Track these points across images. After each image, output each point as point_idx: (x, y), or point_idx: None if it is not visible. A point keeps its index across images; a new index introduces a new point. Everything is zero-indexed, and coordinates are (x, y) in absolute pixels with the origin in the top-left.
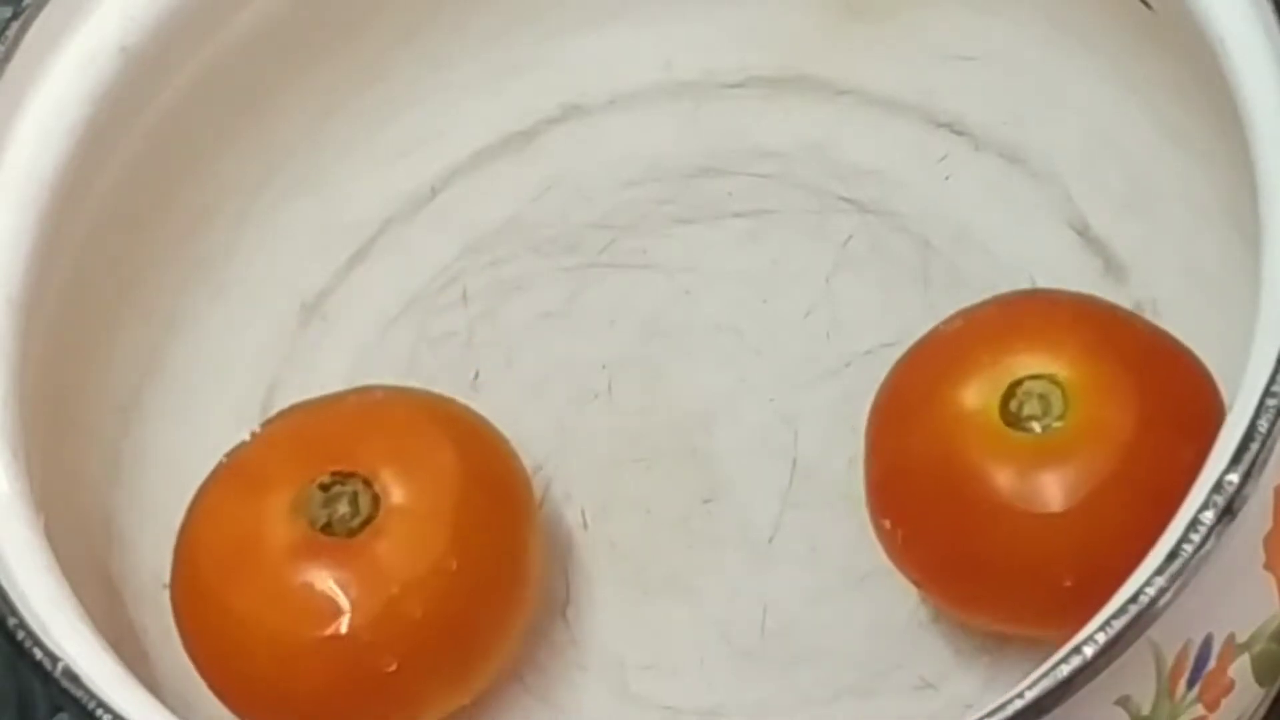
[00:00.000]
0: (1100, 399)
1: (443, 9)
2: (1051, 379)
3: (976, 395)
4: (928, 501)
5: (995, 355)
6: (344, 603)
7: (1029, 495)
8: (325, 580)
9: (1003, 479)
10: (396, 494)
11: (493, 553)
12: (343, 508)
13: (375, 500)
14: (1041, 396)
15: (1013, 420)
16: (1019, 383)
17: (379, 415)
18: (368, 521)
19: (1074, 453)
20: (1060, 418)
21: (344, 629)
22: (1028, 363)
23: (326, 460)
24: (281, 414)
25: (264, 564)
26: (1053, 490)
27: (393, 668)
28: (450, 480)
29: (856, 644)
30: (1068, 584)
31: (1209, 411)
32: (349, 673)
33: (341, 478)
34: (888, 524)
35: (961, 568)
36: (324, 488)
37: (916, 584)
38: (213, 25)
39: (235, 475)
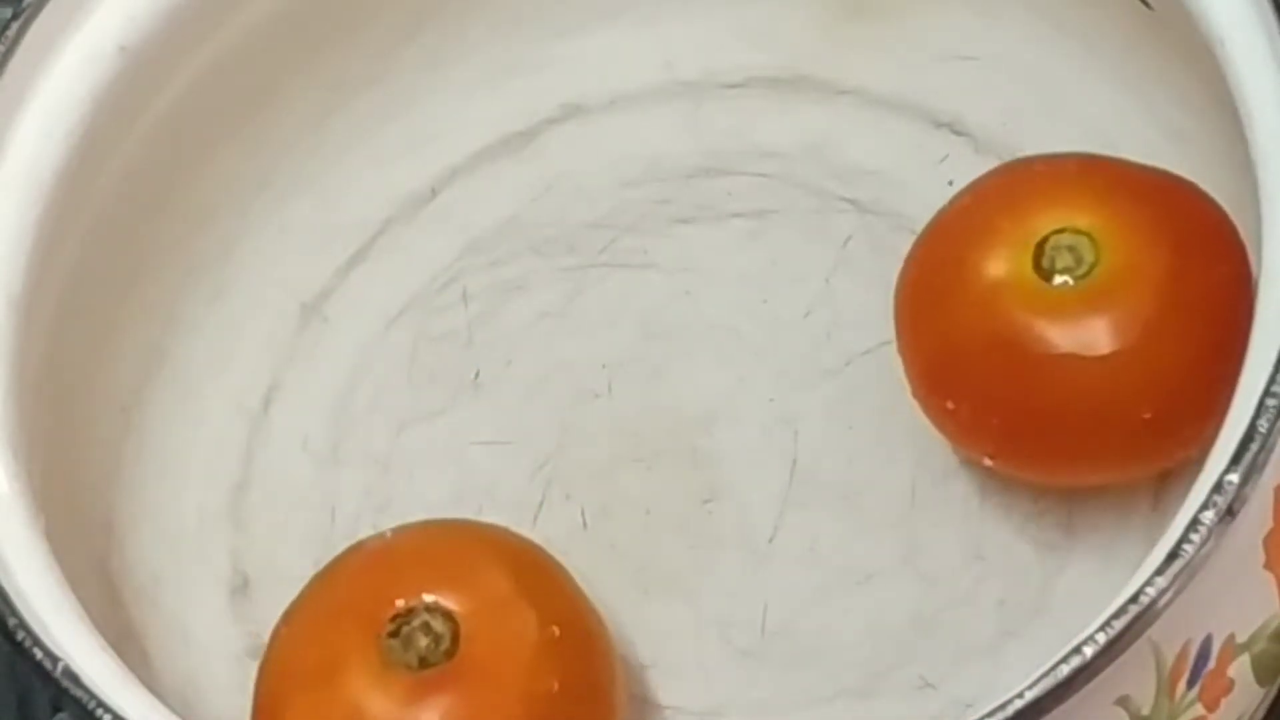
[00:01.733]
0: (1127, 237)
1: (443, 9)
2: (1075, 229)
3: (1008, 260)
4: (985, 373)
5: (1015, 219)
6: None
7: (1086, 342)
8: (402, 714)
9: (1055, 333)
10: (474, 625)
11: (576, 685)
12: (422, 640)
13: (455, 632)
14: (1070, 248)
15: (1048, 275)
16: (1045, 239)
17: (449, 548)
18: (448, 654)
19: (1117, 292)
20: (1094, 264)
21: None
22: (1048, 219)
23: (402, 593)
24: (354, 549)
25: (345, 698)
26: (1107, 331)
27: None
28: (527, 612)
29: (856, 644)
30: (1146, 416)
31: (1228, 232)
32: None
33: (419, 611)
34: (950, 405)
35: (1035, 427)
36: (402, 620)
37: (991, 457)
38: (213, 25)
39: (315, 606)
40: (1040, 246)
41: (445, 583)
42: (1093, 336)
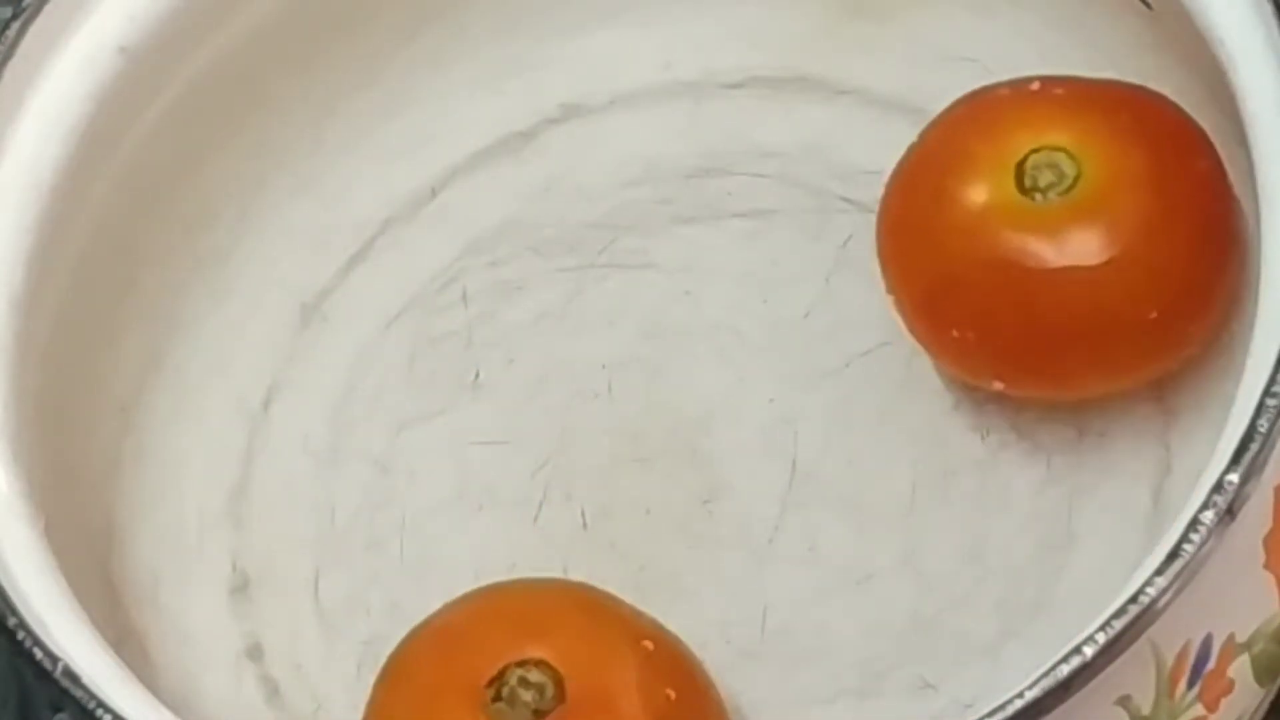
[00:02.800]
0: (1103, 147)
1: (443, 9)
2: (1053, 146)
3: (990, 184)
4: (984, 297)
5: (990, 144)
6: None
7: (1080, 253)
8: None
9: (1049, 249)
10: (569, 663)
11: (685, 688)
12: (526, 694)
13: (555, 676)
14: (1051, 166)
15: (1033, 194)
16: (1024, 160)
17: (517, 606)
18: (558, 698)
19: (1102, 200)
20: (1076, 177)
21: None
22: (1023, 140)
23: (485, 661)
24: (419, 629)
25: None
26: (1099, 240)
27: None
28: (612, 633)
29: (856, 644)
30: (1152, 316)
31: (1197, 131)
32: None
33: (510, 669)
34: (955, 333)
35: (1042, 344)
36: (499, 683)
37: (1000, 379)
38: (213, 25)
39: (431, 643)
40: (1020, 167)
41: (525, 639)
42: (1086, 247)
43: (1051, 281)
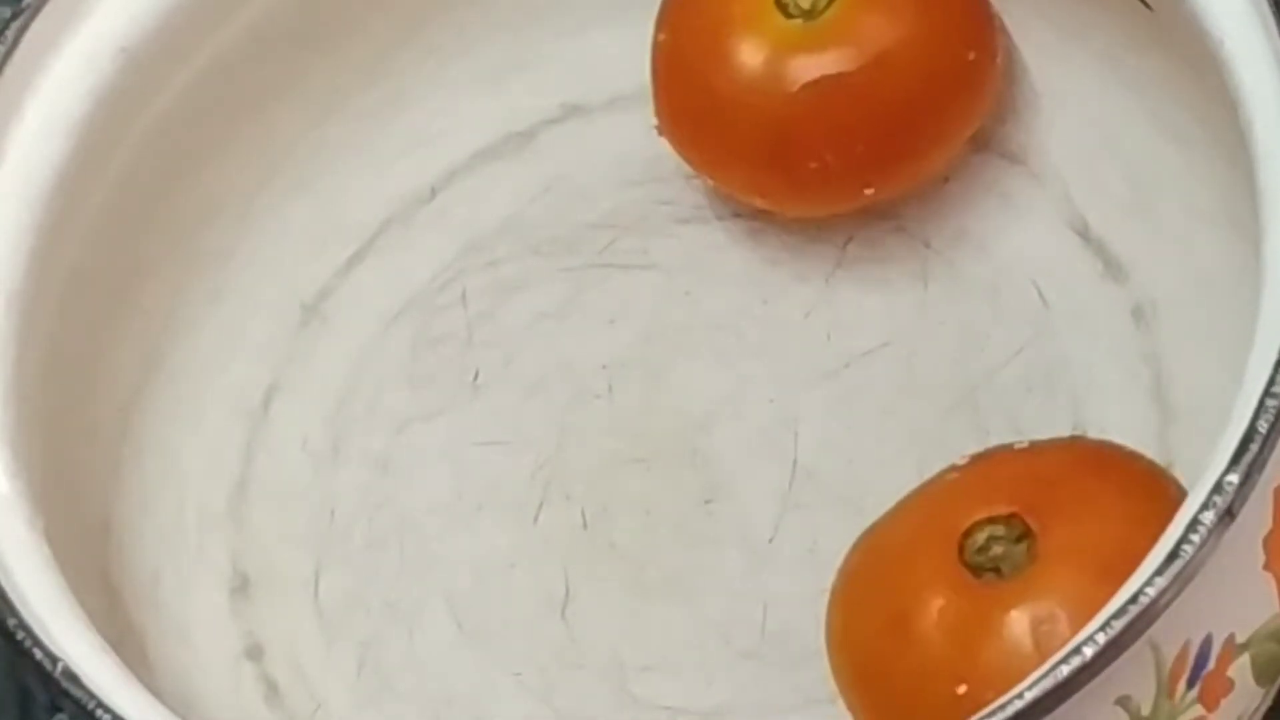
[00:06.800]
0: None
1: (443, 9)
2: None
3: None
4: (826, 126)
5: None
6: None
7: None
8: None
9: (829, 59)
10: (1038, 512)
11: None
12: (997, 548)
13: (1025, 531)
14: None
15: (787, 11)
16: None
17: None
18: (1031, 555)
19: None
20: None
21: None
22: None
23: (1009, 502)
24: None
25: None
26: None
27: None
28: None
29: None
30: (970, 57)
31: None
32: None
33: (979, 526)
34: (813, 164)
35: (884, 139)
36: (991, 525)
37: (869, 186)
38: (213, 25)
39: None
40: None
41: (1001, 499)
42: (869, 38)
43: (861, 80)
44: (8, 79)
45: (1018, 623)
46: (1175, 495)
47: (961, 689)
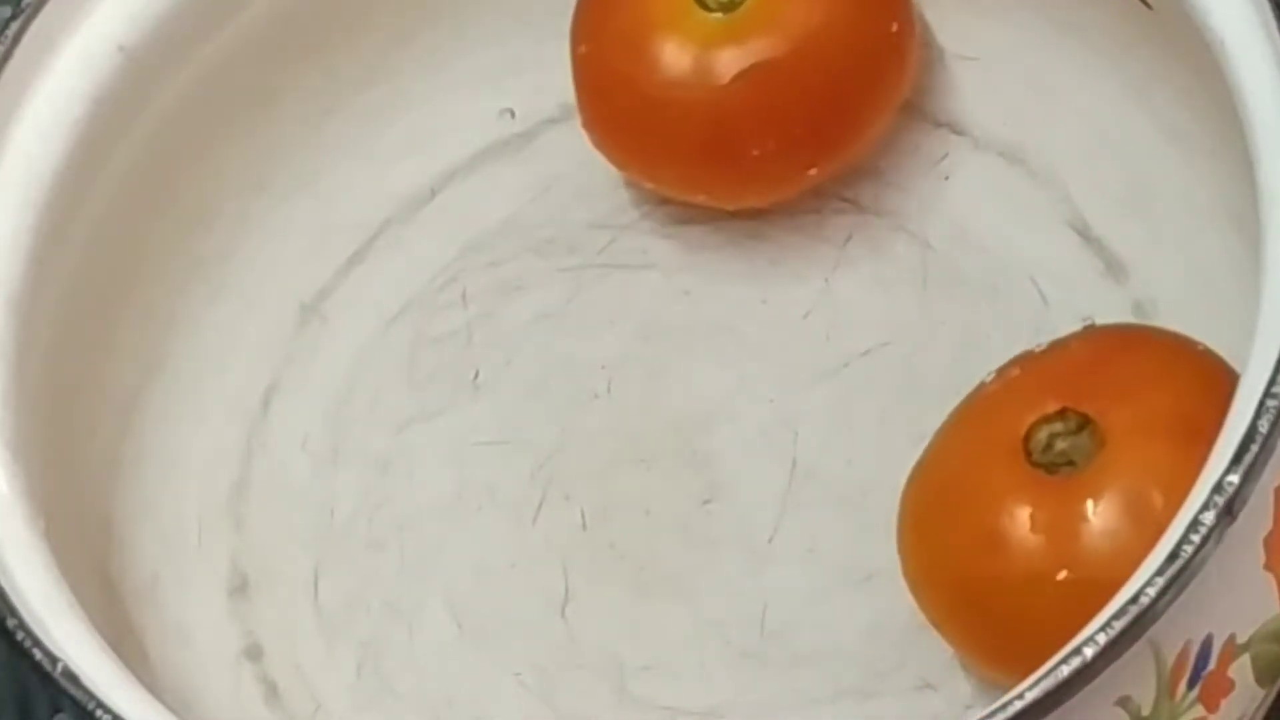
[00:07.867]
0: None
1: (443, 9)
2: None
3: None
4: (766, 115)
5: None
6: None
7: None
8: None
9: (754, 47)
10: (1119, 433)
11: None
12: (1061, 444)
13: (1088, 425)
14: None
15: (706, 5)
16: None
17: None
18: (1100, 445)
19: (774, 8)
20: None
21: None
22: None
23: (1057, 398)
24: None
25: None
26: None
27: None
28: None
29: (856, 644)
30: (893, 28)
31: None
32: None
33: (1039, 425)
34: (756, 152)
35: (824, 120)
36: (1048, 424)
37: (811, 166)
38: (213, 25)
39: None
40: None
41: (1048, 397)
42: (792, 22)
43: (786, 69)
44: (7, 79)
45: (1111, 505)
46: (1203, 351)
47: (1062, 574)
